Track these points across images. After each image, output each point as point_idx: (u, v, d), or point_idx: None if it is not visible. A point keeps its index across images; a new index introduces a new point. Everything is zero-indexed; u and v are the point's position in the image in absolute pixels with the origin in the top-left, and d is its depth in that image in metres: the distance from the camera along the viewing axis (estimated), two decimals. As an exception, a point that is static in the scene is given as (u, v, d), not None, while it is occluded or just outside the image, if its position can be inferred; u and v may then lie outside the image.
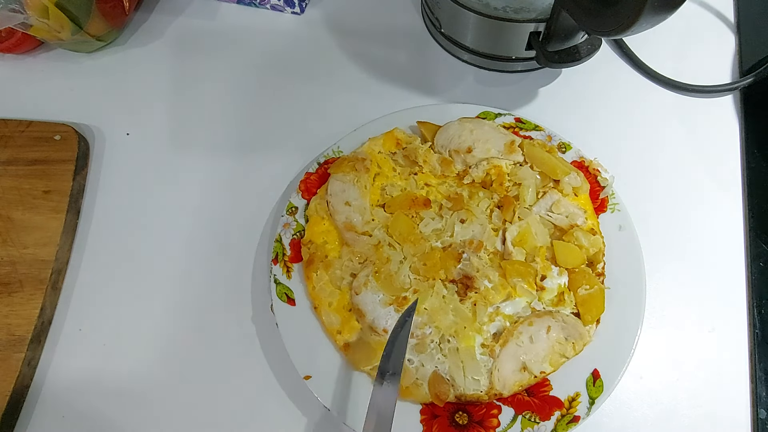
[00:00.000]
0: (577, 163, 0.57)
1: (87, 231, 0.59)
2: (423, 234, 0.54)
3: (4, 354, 0.51)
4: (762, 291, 0.55)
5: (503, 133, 0.58)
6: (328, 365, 0.50)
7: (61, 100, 0.66)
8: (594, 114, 0.64)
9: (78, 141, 0.61)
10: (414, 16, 0.70)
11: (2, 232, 0.56)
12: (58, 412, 0.52)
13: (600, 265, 0.53)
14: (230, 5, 0.72)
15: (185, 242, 0.59)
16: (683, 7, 0.41)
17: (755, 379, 0.51)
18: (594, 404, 0.48)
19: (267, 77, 0.67)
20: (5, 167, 0.60)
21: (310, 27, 0.70)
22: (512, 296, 0.51)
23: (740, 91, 0.64)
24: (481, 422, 0.48)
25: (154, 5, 0.72)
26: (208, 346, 0.54)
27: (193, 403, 0.52)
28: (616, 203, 0.55)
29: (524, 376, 0.48)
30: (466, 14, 0.58)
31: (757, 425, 0.50)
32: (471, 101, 0.62)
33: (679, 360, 0.53)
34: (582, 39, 0.58)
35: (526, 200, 0.55)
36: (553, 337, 0.49)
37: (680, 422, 0.50)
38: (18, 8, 0.57)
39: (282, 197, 0.60)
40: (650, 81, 0.66)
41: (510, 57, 0.62)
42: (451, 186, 0.57)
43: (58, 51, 0.69)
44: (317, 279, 0.52)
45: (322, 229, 0.54)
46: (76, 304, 0.56)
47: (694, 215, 0.58)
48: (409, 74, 0.66)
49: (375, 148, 0.58)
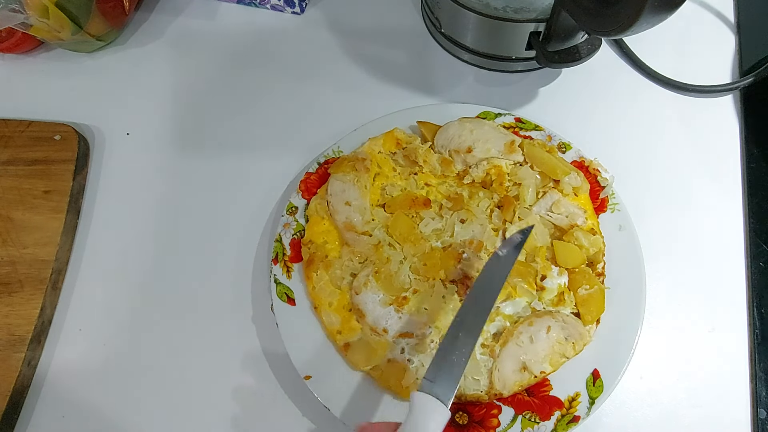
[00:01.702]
0: (577, 163, 0.57)
1: (87, 231, 0.59)
2: (423, 234, 0.54)
3: (4, 354, 0.51)
4: (762, 291, 0.54)
5: (503, 133, 0.58)
6: (328, 365, 0.50)
7: (61, 100, 0.66)
8: (594, 114, 0.64)
9: (78, 141, 0.61)
10: (414, 16, 0.70)
11: (2, 232, 0.56)
12: (58, 411, 0.52)
13: (600, 265, 0.53)
14: (230, 5, 0.72)
15: (185, 242, 0.59)
16: (683, 7, 0.41)
17: (755, 379, 0.51)
18: (594, 404, 0.48)
19: (267, 77, 0.67)
20: (5, 167, 0.60)
21: (310, 27, 0.70)
22: (512, 296, 0.51)
23: (740, 91, 0.64)
24: (481, 422, 0.48)
25: (154, 5, 0.72)
26: (208, 346, 0.54)
27: (194, 404, 0.52)
28: (616, 203, 0.55)
29: (524, 376, 0.48)
30: (466, 14, 0.58)
31: (757, 425, 0.50)
32: (471, 101, 0.62)
33: (679, 360, 0.53)
34: (582, 39, 0.58)
35: (526, 200, 0.55)
36: (553, 337, 0.49)
37: (680, 422, 0.50)
38: (18, 8, 0.57)
39: (282, 197, 0.60)
40: (650, 81, 0.66)
41: (510, 57, 0.62)
42: (451, 186, 0.57)
43: (58, 51, 0.69)
44: (317, 279, 0.52)
45: (323, 229, 0.54)
46: (76, 304, 0.56)
47: (694, 215, 0.58)
48: (409, 74, 0.66)
49: (375, 148, 0.58)
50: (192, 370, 0.53)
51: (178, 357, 0.54)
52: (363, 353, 0.50)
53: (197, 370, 0.53)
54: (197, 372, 0.53)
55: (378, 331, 0.50)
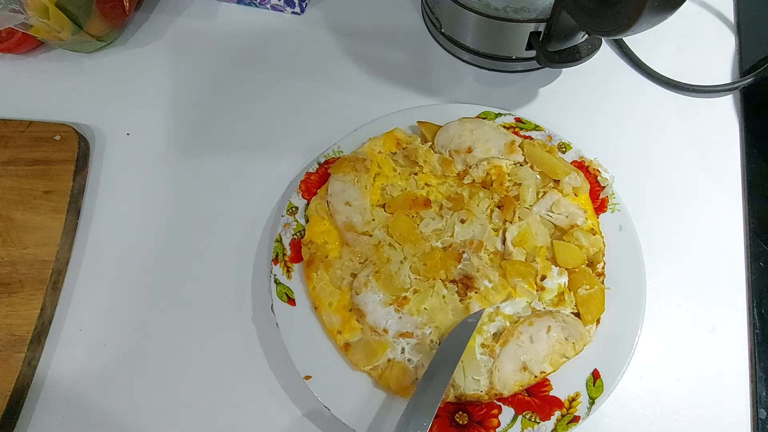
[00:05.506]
0: (577, 163, 0.57)
1: (87, 231, 0.59)
2: (423, 234, 0.54)
3: (5, 354, 0.51)
4: (762, 291, 0.55)
5: (503, 133, 0.58)
6: (329, 365, 0.50)
7: (61, 100, 0.66)
8: (594, 114, 0.64)
9: (78, 141, 0.61)
10: (414, 16, 0.70)
11: (2, 233, 0.56)
12: (59, 411, 0.52)
13: (600, 265, 0.53)
14: (230, 5, 0.72)
15: (185, 242, 0.59)
16: (683, 7, 0.41)
17: (755, 379, 0.51)
18: (594, 404, 0.48)
19: (267, 77, 0.67)
20: (5, 167, 0.60)
21: (310, 27, 0.70)
22: (512, 296, 0.52)
23: (740, 91, 0.64)
24: (482, 422, 0.48)
25: (154, 5, 0.72)
26: (208, 346, 0.54)
27: (194, 403, 0.52)
28: (616, 203, 0.55)
29: (524, 376, 0.48)
30: (467, 14, 0.58)
31: (757, 425, 0.50)
32: (471, 101, 0.62)
33: (679, 360, 0.53)
34: (582, 39, 0.58)
35: (527, 200, 0.55)
36: (554, 337, 0.49)
37: (680, 422, 0.51)
38: (18, 8, 0.57)
39: (282, 197, 0.60)
40: (650, 81, 0.66)
41: (510, 57, 0.62)
42: (452, 186, 0.57)
43: (58, 51, 0.69)
44: (317, 279, 0.52)
45: (323, 229, 0.54)
46: (76, 304, 0.56)
47: (694, 215, 0.58)
48: (409, 74, 0.66)
49: (375, 148, 0.58)
50: (192, 370, 0.53)
51: (178, 357, 0.54)
52: (363, 353, 0.50)
53: (197, 370, 0.53)
54: (197, 372, 0.53)
55: (378, 331, 0.50)
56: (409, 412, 0.45)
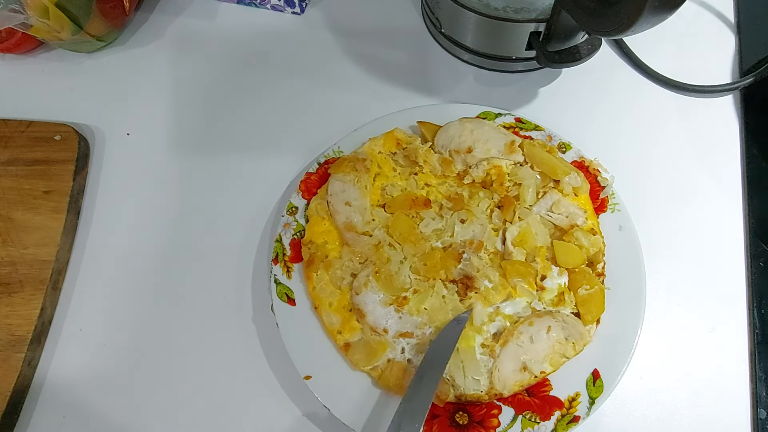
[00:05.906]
0: (577, 163, 0.57)
1: (87, 231, 0.59)
2: (423, 234, 0.54)
3: (5, 354, 0.51)
4: (762, 291, 0.55)
5: (503, 133, 0.58)
6: (328, 365, 0.50)
7: (61, 100, 0.66)
8: (594, 114, 0.64)
9: (78, 141, 0.61)
10: (414, 16, 0.70)
11: (2, 233, 0.56)
12: (59, 412, 0.52)
13: (600, 265, 0.53)
14: (230, 5, 0.72)
15: (185, 242, 0.59)
16: (683, 7, 0.41)
17: (755, 379, 0.51)
18: (594, 404, 0.48)
19: (267, 77, 0.67)
20: (5, 167, 0.60)
21: (310, 27, 0.70)
22: (512, 296, 0.51)
23: (740, 91, 0.64)
24: (482, 422, 0.48)
25: (154, 5, 0.72)
26: (208, 346, 0.54)
27: (194, 403, 0.52)
28: (616, 203, 0.55)
29: (524, 376, 0.48)
30: (467, 14, 0.58)
31: (757, 425, 0.50)
32: (471, 101, 0.62)
33: (679, 360, 0.53)
34: (582, 39, 0.58)
35: (527, 200, 0.55)
36: (554, 337, 0.49)
37: (680, 422, 0.51)
38: (18, 8, 0.57)
39: (282, 197, 0.60)
40: (650, 81, 0.66)
41: (510, 57, 0.62)
42: (452, 186, 0.57)
43: (58, 51, 0.69)
44: (317, 279, 0.52)
45: (323, 229, 0.54)
46: (76, 304, 0.56)
47: (694, 215, 0.58)
48: (409, 74, 0.66)
49: (375, 148, 0.58)
50: (192, 370, 0.53)
51: (179, 357, 0.54)
52: (363, 353, 0.50)
53: (197, 370, 0.53)
54: (197, 372, 0.53)
55: (378, 331, 0.50)
56: (399, 414, 0.44)
